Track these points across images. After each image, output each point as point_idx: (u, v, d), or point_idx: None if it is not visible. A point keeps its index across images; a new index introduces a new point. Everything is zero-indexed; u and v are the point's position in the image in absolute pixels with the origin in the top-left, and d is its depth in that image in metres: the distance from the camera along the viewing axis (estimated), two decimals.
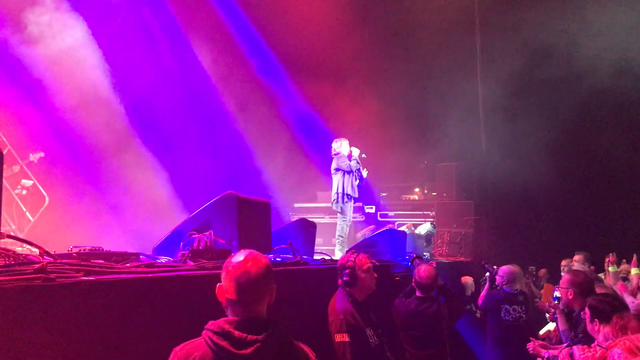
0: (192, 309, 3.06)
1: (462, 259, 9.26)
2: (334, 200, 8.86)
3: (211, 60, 10.47)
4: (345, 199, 8.75)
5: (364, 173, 8.93)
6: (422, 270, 4.80)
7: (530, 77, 10.30)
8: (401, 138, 10.74)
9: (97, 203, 9.78)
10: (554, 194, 10.14)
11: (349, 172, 8.76)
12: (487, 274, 6.49)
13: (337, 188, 8.81)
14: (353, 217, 10.25)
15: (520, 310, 6.08)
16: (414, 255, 5.33)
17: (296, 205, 10.81)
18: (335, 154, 8.90)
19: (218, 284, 2.29)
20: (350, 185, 8.79)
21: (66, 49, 9.58)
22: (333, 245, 9.82)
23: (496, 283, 6.35)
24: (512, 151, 10.15)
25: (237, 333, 2.08)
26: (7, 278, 2.11)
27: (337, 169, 8.81)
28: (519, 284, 6.39)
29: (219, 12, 10.62)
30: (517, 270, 6.46)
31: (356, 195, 8.92)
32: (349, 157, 8.93)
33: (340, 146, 8.90)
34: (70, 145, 9.78)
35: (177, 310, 2.97)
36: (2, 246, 2.51)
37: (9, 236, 2.69)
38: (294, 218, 10.38)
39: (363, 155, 9.00)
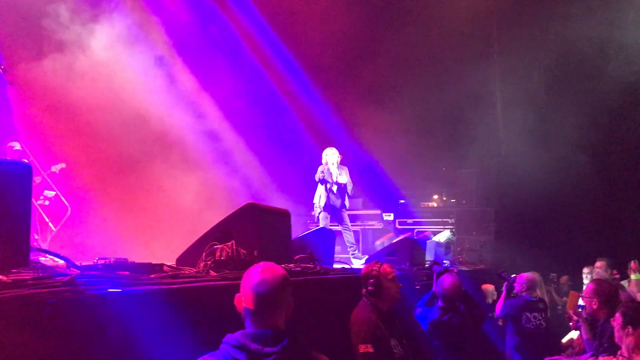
0: (215, 319, 3.09)
1: (482, 266, 9.18)
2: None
3: (234, 73, 10.60)
4: (318, 210, 8.71)
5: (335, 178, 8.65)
6: (447, 282, 4.78)
7: (551, 81, 10.23)
8: (419, 145, 10.72)
9: (119, 212, 9.89)
10: (575, 200, 10.02)
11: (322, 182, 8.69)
12: (505, 282, 6.40)
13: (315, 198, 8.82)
14: (371, 225, 10.26)
15: (540, 318, 6.04)
16: (433, 261, 5.33)
17: (314, 213, 10.79)
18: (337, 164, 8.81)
19: (236, 294, 2.34)
20: (319, 195, 8.70)
21: (91, 58, 9.77)
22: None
23: (515, 290, 6.31)
24: (532, 157, 10.05)
25: (253, 346, 2.12)
26: (38, 291, 2.15)
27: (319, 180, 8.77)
28: (538, 291, 6.36)
29: (243, 28, 10.74)
30: (536, 277, 6.43)
31: (320, 204, 8.65)
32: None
33: (326, 155, 8.78)
34: (92, 155, 9.92)
35: (201, 321, 3.00)
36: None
37: (38, 249, 2.75)
38: (312, 226, 10.40)
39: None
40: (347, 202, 8.79)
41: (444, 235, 8.48)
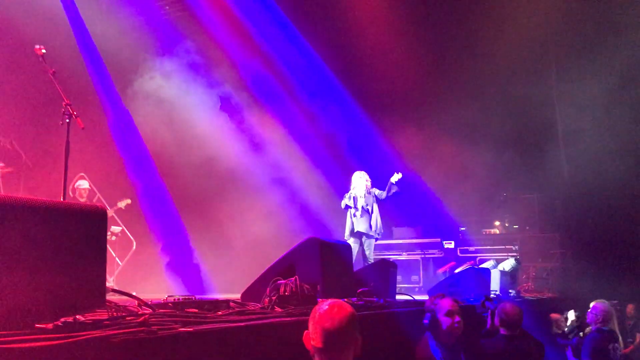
0: (281, 356, 3.10)
1: (549, 295, 8.85)
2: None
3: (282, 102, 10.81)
4: (346, 236, 8.68)
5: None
6: (508, 307, 4.64)
7: (614, 104, 9.88)
8: (478, 170, 10.52)
9: (182, 247, 10.15)
10: None
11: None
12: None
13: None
14: (432, 254, 10.09)
15: (619, 349, 5.75)
16: (484, 297, 5.16)
17: None
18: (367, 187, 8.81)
19: (305, 331, 2.39)
20: (347, 222, 8.70)
21: (159, 92, 10.21)
22: (413, 283, 9.68)
23: (588, 321, 6.03)
24: (597, 179, 9.69)
25: None
26: (114, 332, 2.22)
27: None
28: (612, 323, 6.04)
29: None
30: (611, 308, 6.12)
31: (346, 231, 8.66)
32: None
33: (353, 180, 8.83)
34: (157, 191, 10.27)
35: (267, 358, 3.02)
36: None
37: (114, 290, 2.85)
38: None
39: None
40: (375, 228, 8.66)
41: (508, 264, 8.23)
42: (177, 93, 10.30)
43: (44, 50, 5.21)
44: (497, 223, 11.32)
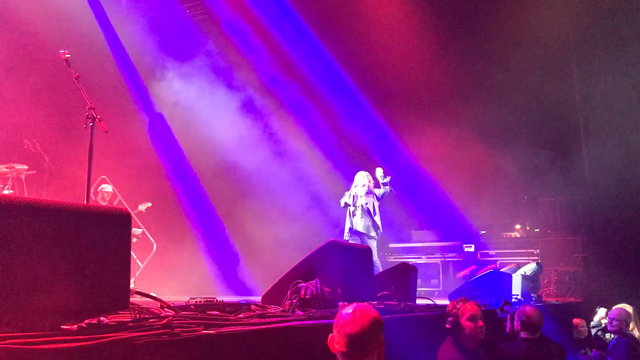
0: (302, 359, 3.11)
1: (572, 299, 8.73)
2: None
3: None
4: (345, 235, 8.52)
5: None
6: (529, 310, 4.59)
7: (638, 100, 9.72)
8: (499, 173, 10.42)
9: (201, 249, 10.21)
10: None
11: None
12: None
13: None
14: (452, 257, 10.00)
15: None
16: (503, 302, 5.10)
17: (391, 245, 10.69)
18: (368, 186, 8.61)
19: (330, 335, 2.39)
20: (346, 220, 8.55)
21: (179, 95, 10.31)
22: (432, 287, 9.61)
23: (610, 328, 5.94)
24: (620, 181, 9.54)
25: None
26: (138, 334, 2.24)
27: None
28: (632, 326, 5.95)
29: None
30: (629, 312, 6.02)
31: (346, 229, 8.51)
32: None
33: (355, 179, 8.67)
34: (179, 194, 10.36)
35: None
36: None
37: (137, 292, 2.87)
38: (390, 259, 10.28)
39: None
40: (375, 227, 8.47)
41: (529, 268, 8.13)
42: (198, 96, 10.37)
43: (68, 55, 5.28)
44: (517, 226, 11.20)
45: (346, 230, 8.51)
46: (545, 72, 10.31)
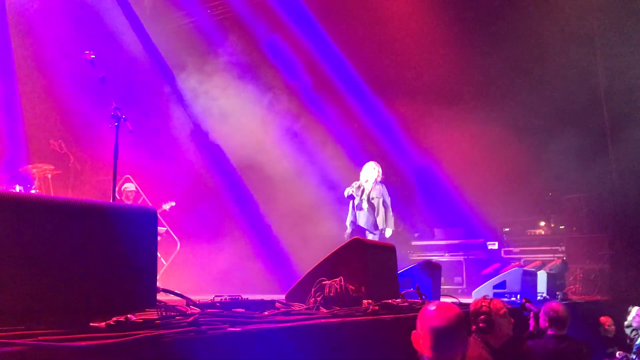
0: (327, 357, 3.10)
1: (598, 297, 8.59)
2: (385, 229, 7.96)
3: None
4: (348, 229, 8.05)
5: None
6: (556, 306, 4.52)
7: None
8: (522, 169, 10.28)
9: (225, 247, 10.26)
10: None
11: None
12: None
13: (382, 223, 7.95)
14: (475, 255, 9.91)
15: None
16: (524, 300, 5.03)
17: (414, 243, 10.64)
18: (375, 180, 8.14)
19: (413, 331, 2.48)
20: (348, 213, 8.12)
21: (203, 94, 10.37)
22: (456, 284, 9.54)
23: (635, 325, 5.85)
24: None
25: None
26: (165, 332, 2.26)
27: (383, 200, 8.03)
28: None
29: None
30: None
31: (348, 223, 8.05)
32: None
33: (380, 172, 8.21)
34: (201, 193, 10.43)
35: (313, 359, 3.02)
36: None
37: (164, 290, 2.90)
38: (412, 256, 10.23)
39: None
40: (380, 225, 7.94)
41: (555, 265, 8.03)
42: (225, 94, 10.42)
43: (93, 55, 5.35)
44: (542, 223, 11.06)
45: (348, 224, 8.03)
46: (570, 69, 10.14)
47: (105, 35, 9.99)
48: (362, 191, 7.99)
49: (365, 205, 7.94)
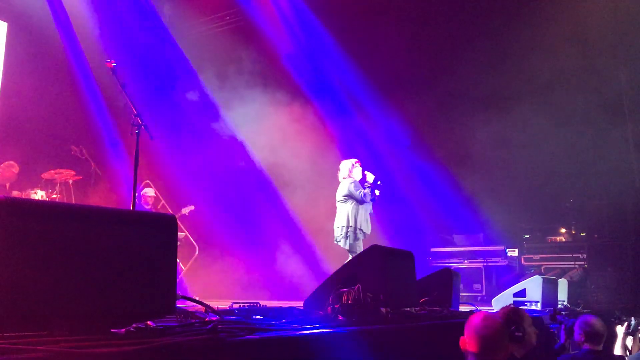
0: None
1: (621, 306, 8.44)
2: (341, 235, 7.55)
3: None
4: (358, 235, 7.56)
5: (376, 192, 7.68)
6: (591, 320, 4.38)
7: None
8: (543, 175, 10.17)
9: (242, 253, 10.29)
10: None
11: (362, 201, 7.53)
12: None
13: (348, 220, 7.52)
14: (494, 262, 9.80)
15: None
16: (554, 310, 4.94)
17: (433, 249, 10.56)
18: (344, 177, 7.79)
19: (461, 337, 2.83)
20: (365, 219, 7.58)
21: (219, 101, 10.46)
22: (475, 292, 9.45)
23: None
24: None
25: None
26: (185, 339, 2.27)
27: (349, 196, 7.62)
28: None
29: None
30: None
31: (369, 231, 7.67)
32: (362, 182, 7.73)
33: (353, 168, 7.82)
34: (219, 198, 10.48)
35: None
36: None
37: (183, 297, 2.92)
38: (431, 263, 10.16)
39: (378, 183, 7.75)
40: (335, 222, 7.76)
41: (576, 273, 7.92)
42: (244, 100, 10.48)
43: (114, 64, 5.43)
44: (562, 230, 10.91)
45: (359, 226, 7.57)
46: (593, 70, 10.00)
47: (126, 41, 10.10)
48: (370, 194, 7.78)
49: (370, 209, 7.82)
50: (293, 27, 10.99)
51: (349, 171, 7.79)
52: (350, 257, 7.40)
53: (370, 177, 7.72)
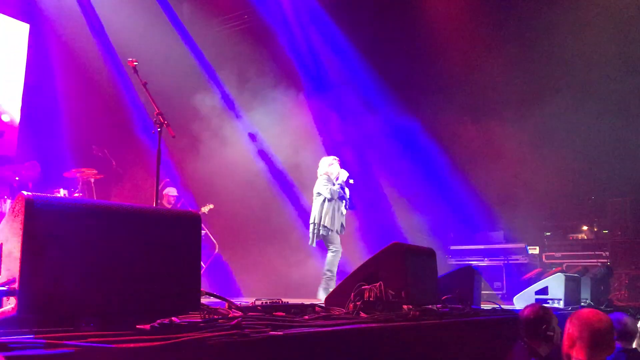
0: None
1: None
2: (310, 231, 7.50)
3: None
4: (322, 232, 7.38)
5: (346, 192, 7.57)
6: (623, 318, 4.30)
7: None
8: (565, 172, 10.05)
9: (262, 250, 10.32)
10: None
11: (330, 198, 7.40)
12: None
13: (314, 217, 7.46)
14: (515, 259, 9.71)
15: None
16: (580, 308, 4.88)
17: (452, 247, 10.50)
18: (320, 175, 7.70)
19: (567, 333, 3.16)
20: (330, 215, 7.37)
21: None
22: (496, 290, 9.37)
23: None
24: None
25: None
26: (209, 335, 2.29)
27: (319, 193, 7.52)
28: None
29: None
30: None
31: (336, 227, 7.41)
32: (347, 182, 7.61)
33: (330, 165, 7.69)
34: (237, 198, 10.52)
35: None
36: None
37: (207, 293, 2.94)
38: (451, 261, 10.11)
39: (351, 181, 7.58)
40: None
41: (599, 270, 7.82)
42: (264, 101, 10.53)
43: (136, 63, 5.48)
44: (584, 228, 10.78)
45: (323, 223, 7.40)
46: (614, 68, 9.87)
47: (147, 40, 10.18)
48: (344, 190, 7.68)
49: (343, 207, 7.68)
50: (309, 29, 11.00)
51: (327, 168, 7.73)
52: (328, 254, 7.44)
53: (343, 176, 7.60)
